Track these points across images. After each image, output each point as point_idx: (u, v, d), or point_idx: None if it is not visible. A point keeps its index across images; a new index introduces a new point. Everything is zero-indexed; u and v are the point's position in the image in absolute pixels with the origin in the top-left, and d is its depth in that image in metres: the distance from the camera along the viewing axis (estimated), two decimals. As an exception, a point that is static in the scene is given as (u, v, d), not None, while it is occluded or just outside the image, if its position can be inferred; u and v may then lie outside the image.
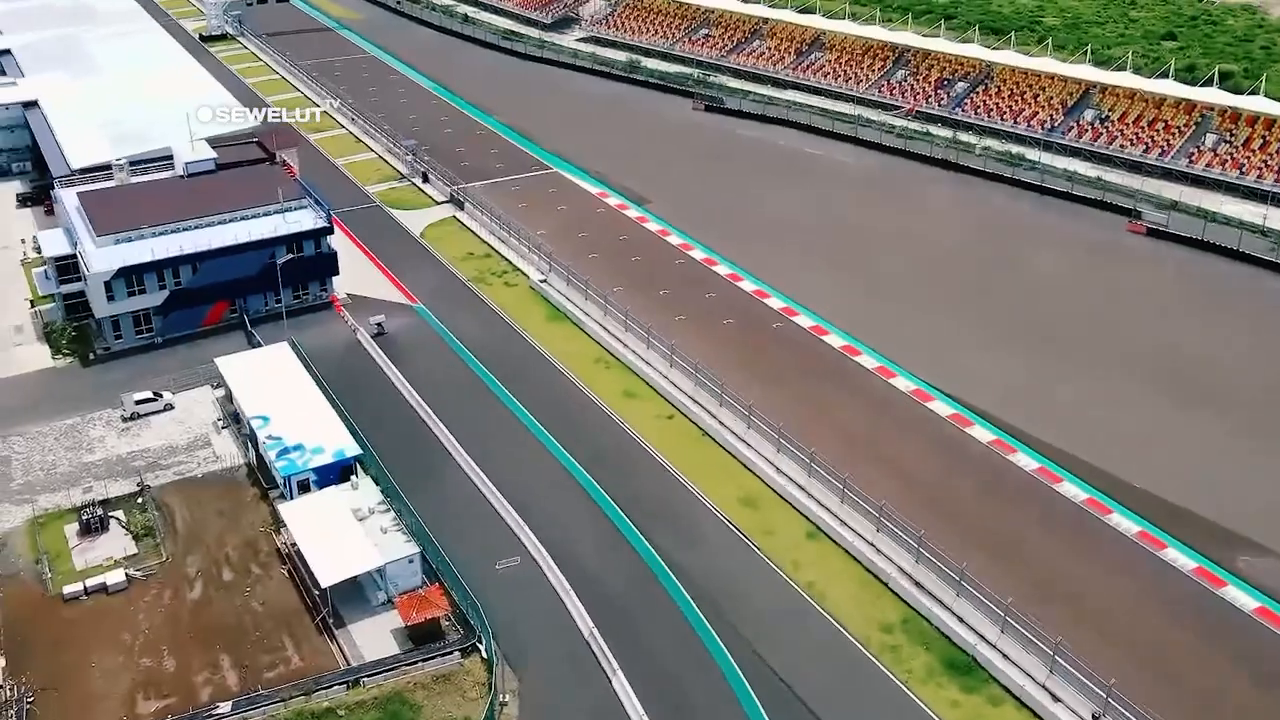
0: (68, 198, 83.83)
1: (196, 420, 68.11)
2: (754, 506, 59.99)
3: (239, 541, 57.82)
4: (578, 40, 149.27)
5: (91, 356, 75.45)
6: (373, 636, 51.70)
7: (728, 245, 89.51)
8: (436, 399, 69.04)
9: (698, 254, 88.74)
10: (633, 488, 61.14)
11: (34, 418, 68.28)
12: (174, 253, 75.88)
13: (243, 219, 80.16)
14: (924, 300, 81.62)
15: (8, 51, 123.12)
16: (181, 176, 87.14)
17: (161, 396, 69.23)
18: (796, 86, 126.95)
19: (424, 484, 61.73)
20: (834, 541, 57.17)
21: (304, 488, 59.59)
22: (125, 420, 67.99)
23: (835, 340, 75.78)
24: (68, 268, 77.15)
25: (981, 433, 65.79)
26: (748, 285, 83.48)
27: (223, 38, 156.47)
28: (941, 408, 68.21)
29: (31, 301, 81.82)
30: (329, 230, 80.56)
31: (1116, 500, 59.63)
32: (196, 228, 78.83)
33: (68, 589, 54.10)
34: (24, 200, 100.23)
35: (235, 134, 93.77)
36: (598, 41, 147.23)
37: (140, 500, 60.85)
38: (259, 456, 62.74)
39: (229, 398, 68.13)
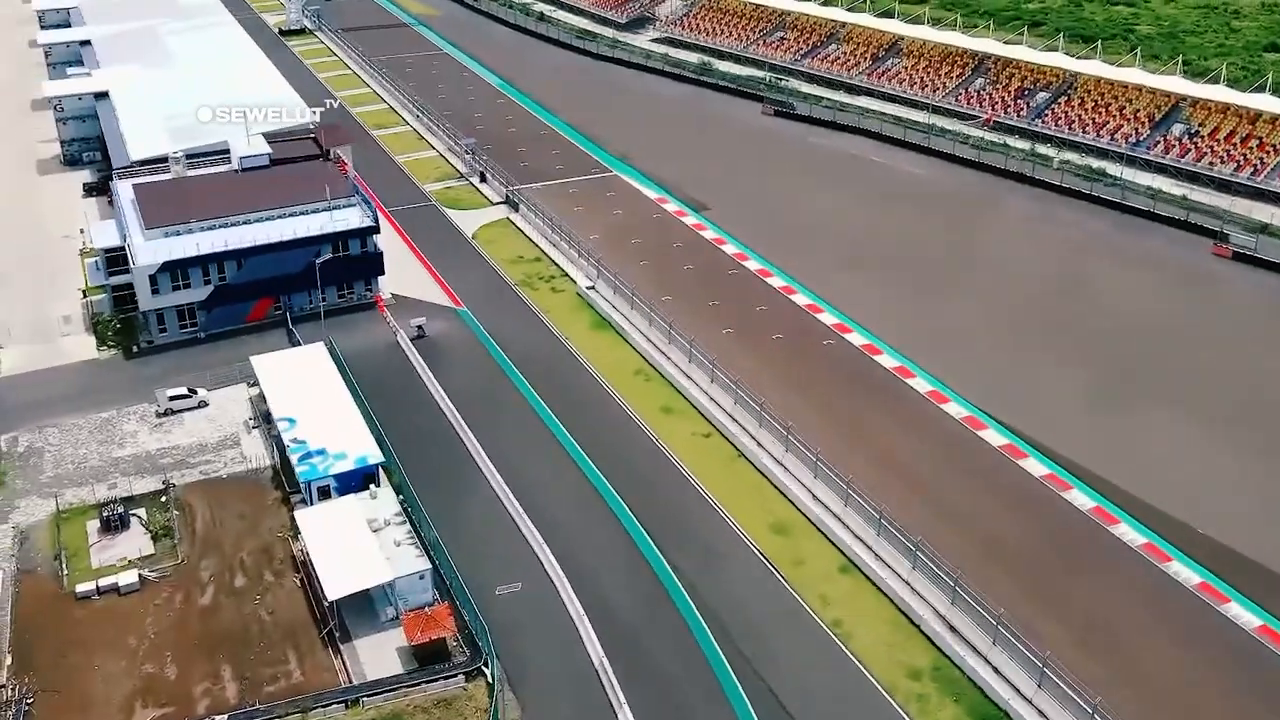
0: (124, 189, 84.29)
1: (228, 419, 67.51)
2: (785, 534, 57.19)
3: (256, 546, 56.80)
4: (651, 41, 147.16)
5: (135, 349, 75.51)
6: (378, 653, 50.12)
7: (784, 256, 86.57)
8: (468, 406, 67.46)
9: (752, 264, 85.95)
10: (661, 509, 58.75)
11: (71, 409, 68.33)
12: (219, 248, 75.62)
13: (290, 215, 79.66)
14: (987, 321, 77.83)
15: (88, 42, 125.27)
16: (236, 171, 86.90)
17: (196, 393, 68.79)
18: (870, 93, 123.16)
19: (446, 495, 60.16)
20: (866, 577, 54.11)
21: (324, 494, 58.46)
22: (159, 416, 67.69)
23: (888, 360, 72.45)
24: (118, 260, 77.28)
25: (1036, 466, 62.02)
26: (801, 299, 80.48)
27: (301, 32, 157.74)
28: (994, 437, 64.56)
29: (84, 292, 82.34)
30: (375, 229, 79.64)
31: (1177, 547, 55.52)
32: (244, 223, 78.48)
33: (80, 587, 53.57)
34: (90, 190, 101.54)
35: (292, 129, 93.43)
36: (671, 42, 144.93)
37: (164, 499, 60.29)
38: (285, 459, 61.73)
39: (262, 397, 67.32)
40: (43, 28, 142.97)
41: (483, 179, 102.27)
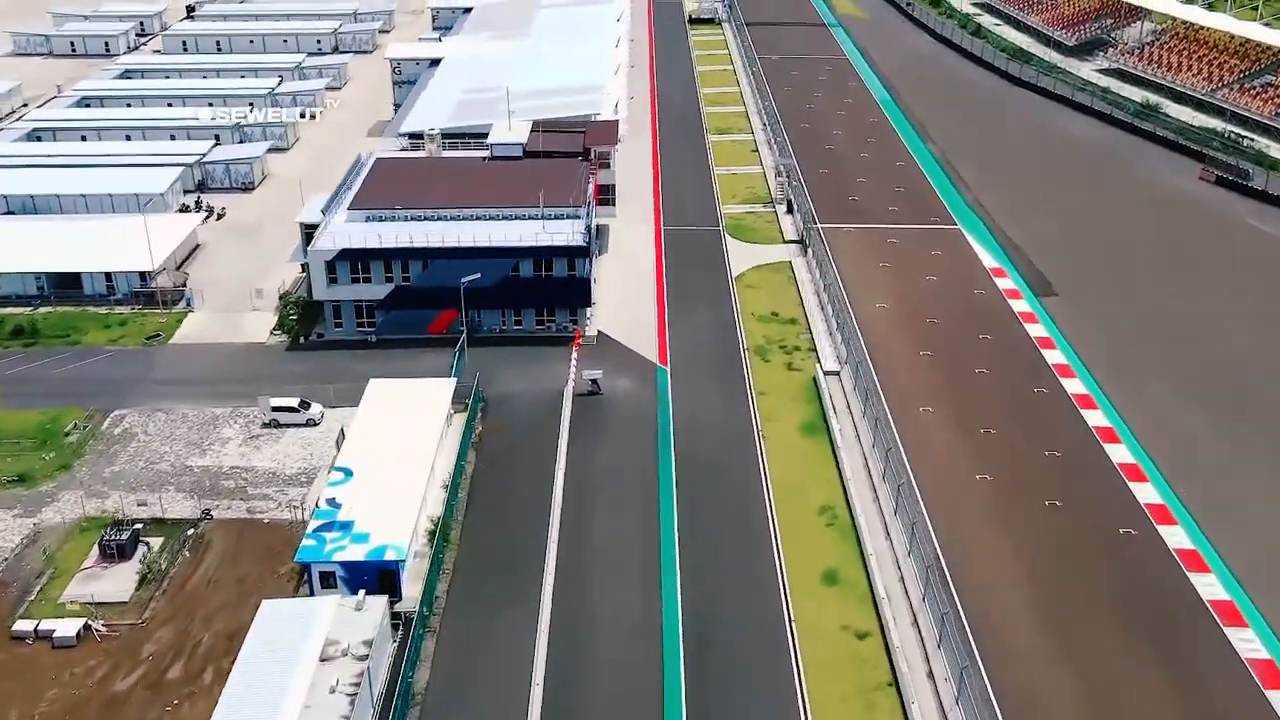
0: (368, 162, 76.89)
1: (324, 448, 56.58)
2: None
3: (228, 627, 44.98)
4: (1095, 70, 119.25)
5: (302, 340, 67.29)
6: (239, 841, 36.25)
7: (1128, 385, 61.02)
8: (581, 510, 51.47)
9: (1075, 386, 61.19)
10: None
11: (194, 396, 61.34)
12: (404, 243, 65.14)
13: (502, 219, 67.64)
14: None
15: (469, 10, 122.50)
16: (485, 158, 76.52)
17: (308, 407, 58.71)
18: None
19: (475, 629, 44.92)
20: None
21: (329, 582, 45.51)
22: (263, 426, 58.40)
23: (1210, 587, 46.36)
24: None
25: None
26: (1120, 453, 55.21)
27: (710, 21, 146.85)
28: (1343, 782, 37.67)
29: (303, 267, 75.81)
30: (583, 251, 65.31)
31: None
32: (449, 219, 67.61)
33: (18, 626, 45.13)
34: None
35: (569, 120, 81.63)
36: (1119, 75, 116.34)
37: (190, 532, 50.51)
38: (331, 519, 49.56)
39: (358, 432, 55.78)
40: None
41: (789, 209, 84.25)
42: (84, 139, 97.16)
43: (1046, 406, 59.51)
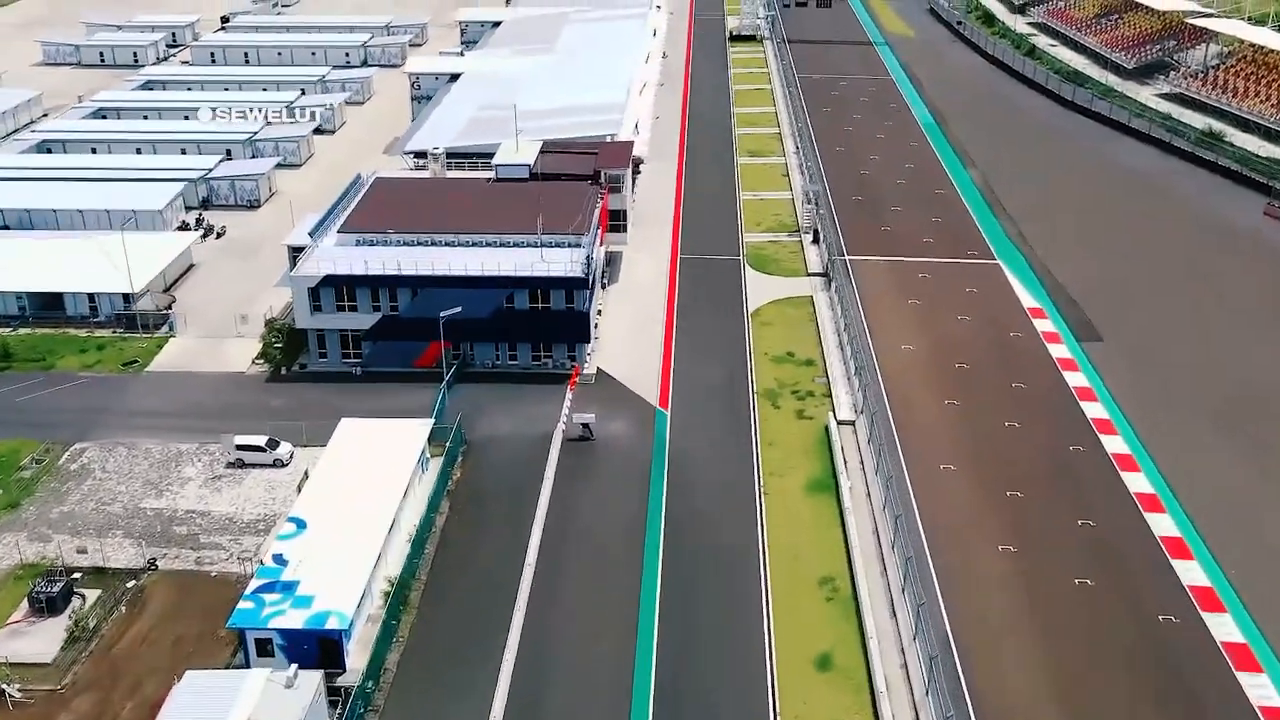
0: (368, 182, 73.06)
1: (288, 491, 52.38)
2: None
3: (155, 696, 40.53)
4: (1155, 95, 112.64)
5: (283, 371, 63.32)
6: None
7: (1177, 449, 54.88)
8: (556, 571, 46.74)
9: (1116, 445, 55.24)
10: None
11: (161, 430, 57.70)
12: (390, 270, 60.96)
13: (496, 246, 63.29)
14: None
15: (499, 23, 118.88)
16: (489, 180, 72.31)
17: (276, 446, 54.59)
18: None
19: (425, 707, 40.33)
20: None
21: (265, 650, 41.17)
22: (227, 465, 54.38)
23: (1261, 688, 40.72)
24: (303, 262, 65.65)
25: None
26: (1163, 525, 49.33)
27: (751, 38, 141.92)
28: None
29: (296, 290, 72.04)
30: (582, 283, 60.68)
31: None
32: (445, 244, 63.53)
33: (-75, 689, 41.08)
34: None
35: (582, 140, 77.19)
36: (1181, 100, 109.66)
37: (130, 585, 46.51)
38: (280, 574, 45.25)
39: (323, 477, 51.49)
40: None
41: (815, 239, 78.99)
42: (94, 151, 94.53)
43: (1084, 467, 53.66)
